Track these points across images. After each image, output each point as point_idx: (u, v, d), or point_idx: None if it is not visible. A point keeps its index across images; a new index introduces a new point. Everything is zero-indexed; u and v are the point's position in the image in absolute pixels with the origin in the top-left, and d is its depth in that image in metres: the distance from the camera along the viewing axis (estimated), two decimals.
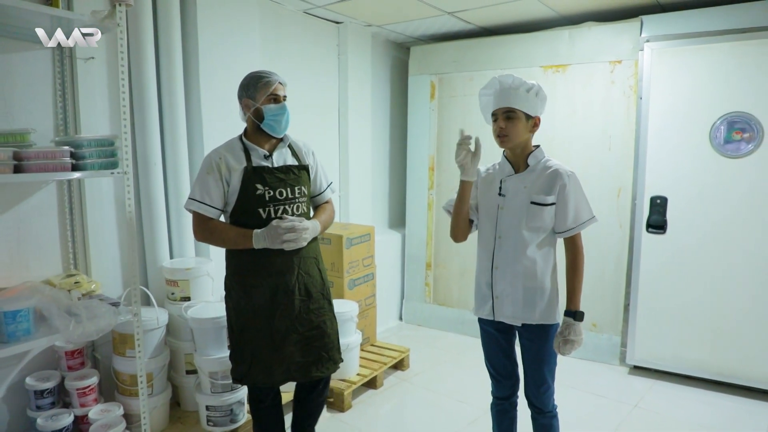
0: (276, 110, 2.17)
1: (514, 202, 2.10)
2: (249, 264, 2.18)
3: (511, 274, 2.09)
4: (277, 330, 2.18)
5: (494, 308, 2.13)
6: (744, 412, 3.19)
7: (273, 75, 2.21)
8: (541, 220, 2.06)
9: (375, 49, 4.54)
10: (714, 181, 3.37)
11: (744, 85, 3.24)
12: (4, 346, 1.93)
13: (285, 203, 2.20)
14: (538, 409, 2.19)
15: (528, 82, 2.04)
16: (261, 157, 2.21)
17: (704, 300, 3.45)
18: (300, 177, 2.27)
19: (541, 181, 2.08)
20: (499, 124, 2.07)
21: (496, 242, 2.12)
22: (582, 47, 3.82)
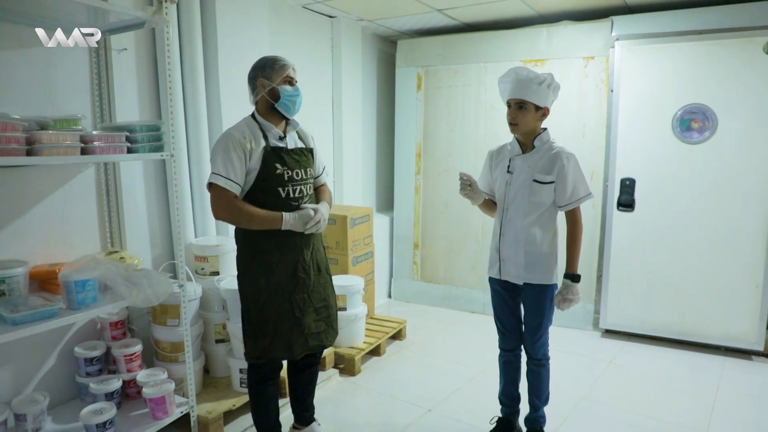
0: (292, 92, 2.26)
1: (519, 179, 2.40)
2: (273, 242, 2.25)
3: (515, 240, 2.41)
4: (296, 304, 2.30)
5: (501, 269, 2.48)
6: (700, 365, 3.67)
7: (288, 60, 2.30)
8: (540, 196, 2.36)
9: (364, 42, 4.80)
10: (676, 165, 3.81)
11: (701, 80, 3.69)
12: (75, 312, 2.12)
13: (300, 183, 2.31)
14: (531, 356, 2.55)
15: (540, 75, 2.30)
16: (276, 138, 2.29)
17: (667, 269, 3.91)
18: (309, 159, 2.39)
19: (544, 161, 2.37)
20: (511, 113, 2.35)
21: (504, 213, 2.46)
22: (559, 44, 4.20)
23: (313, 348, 2.40)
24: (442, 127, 4.75)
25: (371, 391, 3.32)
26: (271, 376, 2.42)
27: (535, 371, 2.56)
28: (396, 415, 3.03)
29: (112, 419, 2.28)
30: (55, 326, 2.06)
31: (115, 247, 2.80)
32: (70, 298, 2.13)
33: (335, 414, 3.02)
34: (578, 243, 2.42)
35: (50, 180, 2.54)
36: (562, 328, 4.29)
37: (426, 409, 3.07)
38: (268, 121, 2.29)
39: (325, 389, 3.25)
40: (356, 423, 2.95)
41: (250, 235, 2.27)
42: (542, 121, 2.40)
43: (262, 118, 2.29)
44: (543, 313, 2.47)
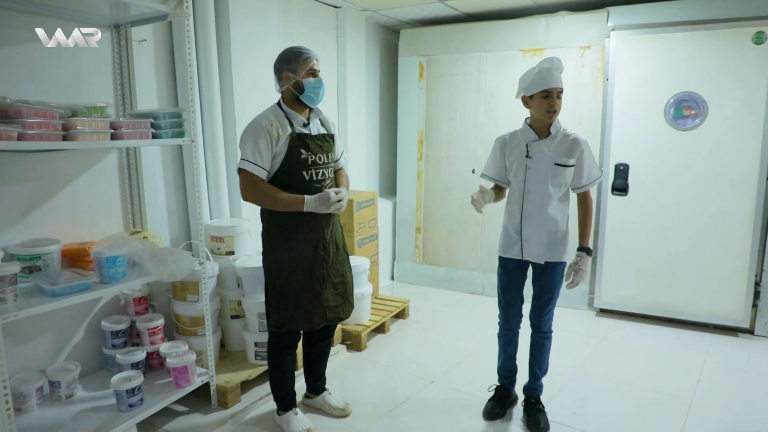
0: (315, 83, 2.41)
1: (540, 164, 2.51)
2: (296, 222, 2.42)
3: (539, 222, 2.54)
4: (316, 279, 2.49)
5: (523, 250, 2.60)
6: (689, 342, 3.87)
7: (311, 51, 2.42)
8: (562, 178, 2.52)
9: (368, 32, 4.94)
10: (668, 150, 3.98)
11: (693, 69, 3.84)
12: (107, 286, 2.30)
13: (322, 167, 2.47)
14: (538, 328, 2.71)
15: (560, 62, 2.45)
16: (301, 125, 2.44)
17: (659, 251, 4.09)
18: (330, 144, 2.54)
19: (564, 146, 2.51)
20: (552, 101, 2.43)
21: (525, 196, 2.56)
22: (556, 33, 4.35)
23: (330, 320, 2.58)
24: (443, 115, 4.91)
25: (377, 365, 3.51)
26: (290, 345, 2.61)
27: (540, 343, 2.73)
28: (400, 386, 3.22)
29: (140, 386, 2.46)
30: (89, 298, 2.24)
31: (137, 227, 2.97)
32: (101, 273, 2.31)
33: (343, 386, 3.20)
34: (590, 220, 2.62)
35: (78, 164, 2.70)
36: (559, 308, 4.36)
37: (429, 380, 3.26)
38: (293, 109, 2.44)
39: (334, 363, 3.44)
40: (363, 394, 3.14)
41: (275, 215, 2.44)
42: None
43: (287, 107, 2.44)
44: (555, 288, 2.64)
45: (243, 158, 2.36)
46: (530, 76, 2.47)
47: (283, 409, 2.69)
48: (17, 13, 2.39)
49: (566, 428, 2.74)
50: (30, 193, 2.50)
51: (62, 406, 2.47)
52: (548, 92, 2.42)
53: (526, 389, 2.83)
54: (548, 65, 2.43)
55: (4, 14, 2.34)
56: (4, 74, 2.34)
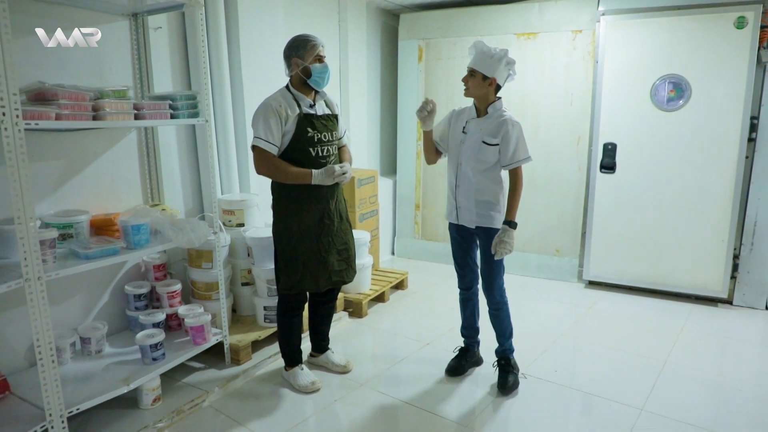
0: (321, 69, 2.65)
1: (472, 140, 2.76)
2: (304, 194, 2.67)
3: (467, 190, 2.79)
4: (322, 245, 2.75)
5: (458, 215, 2.87)
6: (670, 310, 4.13)
7: (318, 39, 2.66)
8: (486, 155, 2.73)
9: (369, 16, 5.14)
10: (653, 130, 4.20)
11: (677, 52, 4.04)
12: (133, 251, 2.57)
13: (327, 144, 2.71)
14: (489, 300, 2.91)
15: (493, 50, 2.63)
16: (307, 106, 2.68)
17: (644, 226, 4.33)
18: (334, 123, 2.79)
19: (492, 126, 2.72)
20: (464, 78, 2.74)
21: (458, 167, 2.82)
22: (549, 18, 4.54)
23: (335, 283, 2.85)
24: (441, 96, 5.12)
25: (376, 330, 3.79)
26: (297, 307, 2.89)
27: (495, 314, 2.93)
28: (398, 348, 3.50)
29: (162, 342, 2.74)
30: (117, 261, 2.50)
31: (155, 200, 3.23)
32: (127, 240, 2.57)
33: (345, 348, 3.48)
34: (517, 196, 2.74)
35: (102, 142, 2.95)
36: (549, 281, 4.74)
37: (425, 343, 3.54)
38: (301, 92, 2.68)
39: (337, 328, 3.71)
40: (363, 355, 3.42)
41: (284, 188, 2.69)
42: (491, 91, 2.71)
43: (295, 90, 2.68)
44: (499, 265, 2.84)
45: (256, 136, 2.58)
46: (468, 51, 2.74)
47: (290, 365, 2.98)
48: (45, 3, 2.62)
49: (547, 383, 3.01)
50: (61, 169, 2.76)
51: (93, 360, 2.76)
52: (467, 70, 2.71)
53: (497, 352, 3.01)
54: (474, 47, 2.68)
55: (33, 5, 2.57)
56: (36, 60, 2.58)
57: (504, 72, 2.68)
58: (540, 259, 4.73)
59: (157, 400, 2.71)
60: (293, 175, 2.62)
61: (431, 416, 2.69)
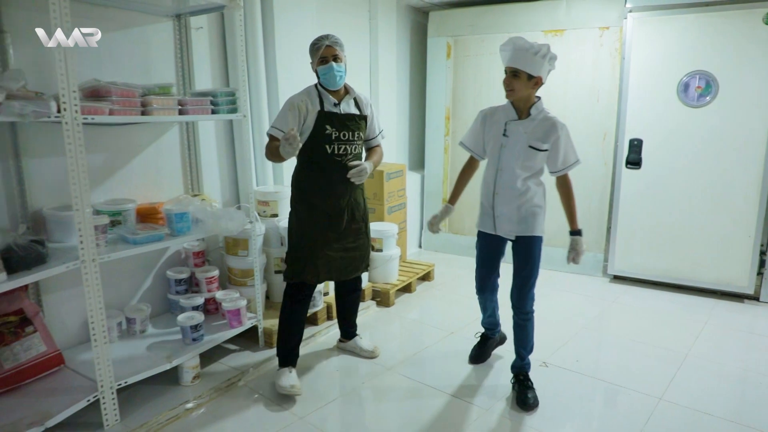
0: (323, 70, 2.67)
1: (515, 144, 2.57)
2: (316, 188, 2.75)
3: (509, 198, 2.62)
4: (327, 240, 2.80)
5: (495, 225, 2.71)
6: (694, 305, 4.16)
7: (322, 40, 2.67)
8: (534, 161, 2.57)
9: (399, 14, 5.25)
10: (679, 126, 4.22)
11: (705, 48, 4.06)
12: (177, 238, 2.75)
13: (346, 143, 2.74)
14: (518, 308, 2.74)
15: (535, 46, 2.41)
16: (331, 105, 2.73)
17: (669, 221, 4.36)
18: (359, 124, 2.81)
19: (540, 130, 2.54)
20: (506, 80, 2.52)
21: (498, 174, 2.63)
22: (577, 15, 4.59)
23: (337, 278, 2.97)
24: (469, 92, 5.22)
25: (403, 319, 3.92)
26: (300, 299, 2.89)
27: (522, 324, 2.77)
28: (423, 336, 3.63)
29: (201, 323, 2.92)
30: (162, 247, 2.70)
31: (195, 191, 3.42)
32: (171, 227, 2.76)
33: (372, 335, 3.62)
34: (574, 203, 2.66)
35: (147, 136, 3.15)
36: (575, 275, 4.80)
37: (449, 331, 3.66)
38: (327, 90, 2.75)
39: (365, 317, 3.86)
40: (390, 342, 3.56)
41: (299, 180, 2.80)
42: (536, 90, 2.53)
43: (321, 88, 2.76)
44: (533, 264, 2.68)
45: (272, 125, 2.71)
46: (501, 49, 2.54)
47: (281, 364, 2.93)
48: (96, 6, 2.81)
49: (569, 372, 3.10)
50: (109, 160, 2.96)
51: (137, 339, 2.96)
52: (505, 70, 2.53)
53: (513, 368, 2.88)
54: (511, 45, 2.46)
55: (86, 7, 2.77)
56: (90, 59, 2.78)
57: (547, 68, 2.49)
58: (564, 254, 4.77)
59: (197, 378, 2.90)
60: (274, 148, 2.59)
61: (454, 399, 2.82)
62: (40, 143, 2.61)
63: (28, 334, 2.51)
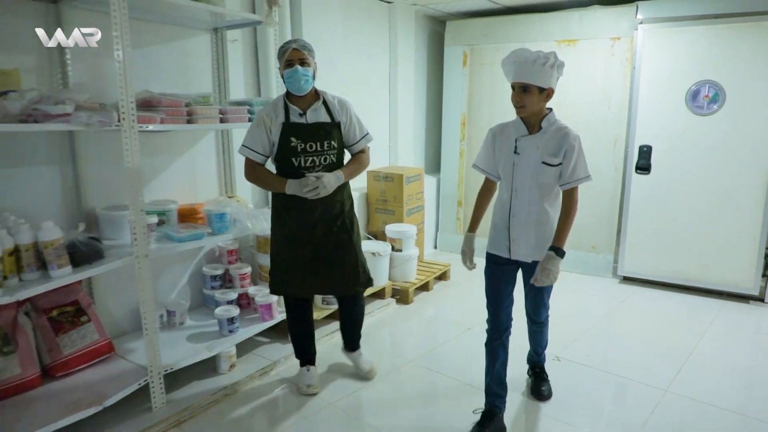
0: (288, 74, 2.56)
1: (528, 161, 2.37)
2: (285, 202, 2.69)
3: (526, 221, 2.41)
4: (302, 255, 2.74)
5: (511, 249, 2.47)
6: (700, 306, 4.33)
7: (290, 43, 2.56)
8: (549, 177, 2.36)
9: (417, 23, 5.47)
10: (687, 133, 4.40)
11: (713, 59, 4.23)
12: (215, 236, 2.98)
13: (314, 155, 2.62)
14: (534, 320, 2.79)
15: (542, 56, 2.24)
16: (297, 115, 2.61)
17: (677, 225, 4.54)
18: (331, 132, 2.66)
19: (552, 143, 2.35)
20: (515, 96, 2.32)
21: (513, 194, 2.42)
22: (589, 26, 4.78)
23: (324, 293, 3.01)
24: (484, 99, 5.42)
25: (421, 316, 4.13)
26: (293, 311, 2.96)
27: (538, 332, 2.85)
28: (441, 332, 3.84)
29: (236, 316, 3.15)
30: (203, 245, 2.94)
31: (229, 193, 3.65)
32: (211, 226, 2.99)
33: (391, 331, 3.84)
34: (570, 220, 2.39)
35: (186, 142, 3.39)
36: (585, 275, 4.99)
37: (466, 328, 3.86)
38: (295, 98, 2.64)
39: (384, 314, 4.08)
40: (409, 336, 3.77)
41: (275, 197, 2.77)
42: (547, 102, 2.36)
43: (288, 98, 2.66)
44: (548, 287, 2.61)
45: (242, 144, 2.69)
46: (504, 65, 2.40)
47: (300, 364, 3.05)
48: (144, 22, 3.05)
49: (579, 365, 3.30)
50: (153, 164, 3.20)
51: (178, 330, 3.19)
52: (513, 86, 2.33)
53: (529, 360, 3.02)
54: (515, 58, 2.31)
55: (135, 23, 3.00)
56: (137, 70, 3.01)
57: (557, 77, 2.31)
58: (577, 255, 4.97)
59: (233, 367, 3.12)
60: (271, 183, 2.70)
61: (470, 388, 3.02)
62: (92, 149, 2.85)
63: (83, 323, 2.75)
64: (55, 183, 2.74)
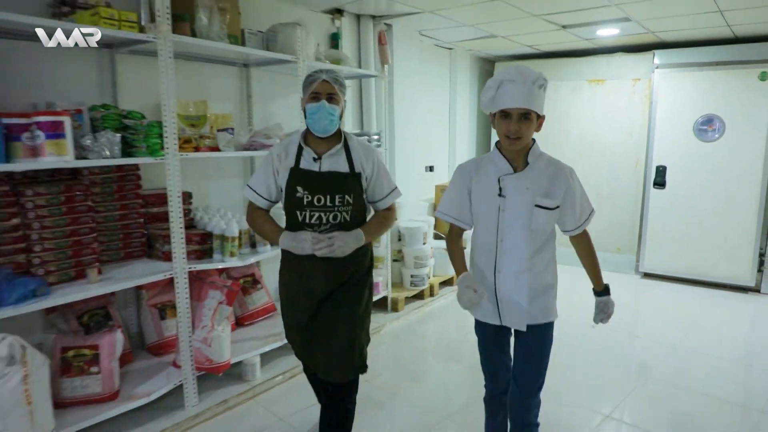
0: (312, 108, 2.08)
1: (517, 204, 1.96)
2: (287, 260, 2.28)
3: (515, 277, 1.99)
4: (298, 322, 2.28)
5: (501, 313, 2.04)
6: (705, 295, 5.36)
7: (318, 73, 2.12)
8: (543, 222, 1.97)
9: (471, 64, 6.65)
10: (695, 156, 5.48)
11: (714, 96, 5.33)
12: None
13: (320, 210, 2.12)
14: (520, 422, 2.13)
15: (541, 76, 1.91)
16: (310, 160, 2.15)
17: (688, 229, 5.60)
18: (346, 185, 2.14)
19: (544, 181, 1.97)
20: (512, 126, 1.89)
21: (498, 245, 1.99)
22: (614, 69, 5.91)
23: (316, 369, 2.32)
24: None
25: None
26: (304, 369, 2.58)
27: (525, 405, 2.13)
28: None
29: None
30: None
31: None
32: None
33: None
34: (596, 259, 2.18)
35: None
36: (611, 273, 6.03)
37: None
38: (312, 139, 2.18)
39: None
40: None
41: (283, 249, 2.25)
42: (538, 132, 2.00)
43: (305, 138, 2.21)
44: (543, 358, 2.11)
45: (247, 184, 2.31)
46: (490, 89, 1.96)
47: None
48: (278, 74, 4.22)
49: (610, 330, 4.35)
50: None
51: None
52: (507, 113, 1.90)
53: None
54: (512, 77, 1.89)
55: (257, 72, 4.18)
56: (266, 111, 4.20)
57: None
58: (604, 256, 5.95)
59: None
60: (263, 233, 2.30)
61: None
62: None
63: (258, 289, 3.90)
64: (240, 191, 3.92)
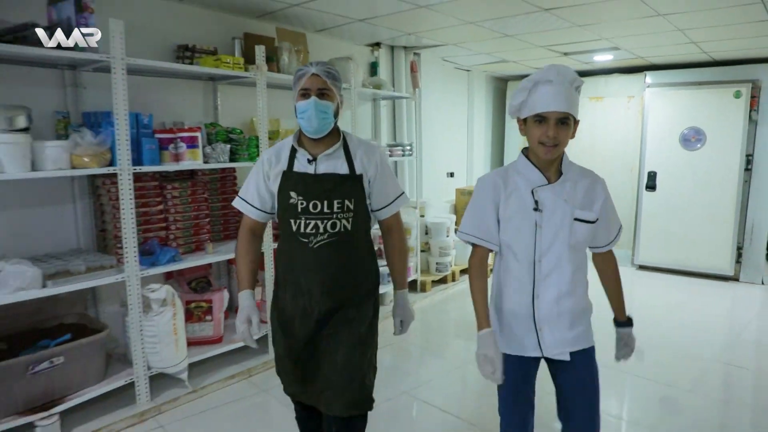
0: (302, 106, 1.89)
1: (556, 219, 1.80)
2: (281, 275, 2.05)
3: (557, 300, 1.83)
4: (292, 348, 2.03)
5: (541, 342, 1.84)
6: (692, 284, 6.20)
7: (308, 67, 1.91)
8: (582, 237, 1.82)
9: (487, 83, 7.58)
10: (681, 163, 6.34)
11: (697, 111, 6.19)
12: None
13: (316, 217, 1.91)
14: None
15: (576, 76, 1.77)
16: (304, 162, 1.95)
17: (675, 226, 6.45)
18: (346, 188, 1.93)
19: (580, 193, 1.83)
20: (549, 131, 1.72)
21: (537, 266, 1.82)
22: (611, 87, 6.80)
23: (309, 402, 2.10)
24: None
25: None
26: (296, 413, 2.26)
27: None
28: None
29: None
30: None
31: None
32: None
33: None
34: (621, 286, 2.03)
35: None
36: None
37: None
38: (306, 141, 1.98)
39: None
40: None
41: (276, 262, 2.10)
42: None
43: (298, 139, 2.00)
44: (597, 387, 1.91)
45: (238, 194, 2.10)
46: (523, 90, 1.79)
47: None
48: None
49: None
50: None
51: None
52: (543, 117, 1.73)
53: None
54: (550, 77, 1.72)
55: None
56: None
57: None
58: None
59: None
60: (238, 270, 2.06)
61: None
62: None
63: None
64: None
